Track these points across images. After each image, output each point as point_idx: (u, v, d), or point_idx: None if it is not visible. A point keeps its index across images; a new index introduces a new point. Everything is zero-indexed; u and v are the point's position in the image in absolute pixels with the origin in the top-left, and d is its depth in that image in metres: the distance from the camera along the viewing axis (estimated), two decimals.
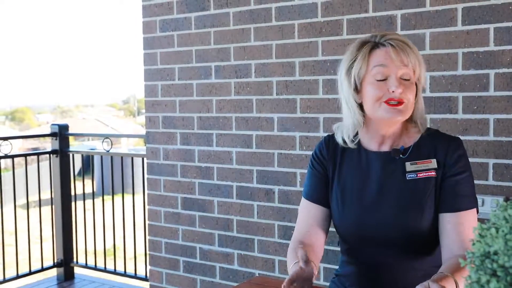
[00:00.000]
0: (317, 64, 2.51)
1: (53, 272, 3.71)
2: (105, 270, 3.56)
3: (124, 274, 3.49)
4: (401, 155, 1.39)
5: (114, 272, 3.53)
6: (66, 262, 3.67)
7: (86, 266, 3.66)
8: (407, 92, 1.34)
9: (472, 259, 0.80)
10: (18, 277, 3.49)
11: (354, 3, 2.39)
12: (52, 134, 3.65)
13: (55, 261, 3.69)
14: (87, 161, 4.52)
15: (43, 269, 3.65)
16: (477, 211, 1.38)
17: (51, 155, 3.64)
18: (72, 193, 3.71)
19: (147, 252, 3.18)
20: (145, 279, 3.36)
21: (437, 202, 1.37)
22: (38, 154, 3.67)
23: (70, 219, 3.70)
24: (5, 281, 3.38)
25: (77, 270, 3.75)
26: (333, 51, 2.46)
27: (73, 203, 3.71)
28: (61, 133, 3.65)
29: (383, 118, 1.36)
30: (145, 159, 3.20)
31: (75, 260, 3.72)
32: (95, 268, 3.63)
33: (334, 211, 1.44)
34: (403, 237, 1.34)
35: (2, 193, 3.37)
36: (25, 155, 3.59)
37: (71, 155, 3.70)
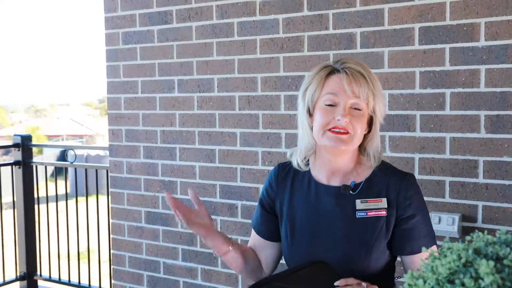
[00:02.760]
0: (278, 80, 2.51)
1: (16, 285, 3.65)
2: (69, 284, 3.51)
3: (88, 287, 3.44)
4: (351, 191, 1.37)
5: (78, 286, 3.47)
6: (29, 275, 3.60)
7: (50, 279, 3.61)
8: (354, 123, 1.32)
9: None
10: None
11: (314, 20, 2.40)
12: (15, 145, 3.57)
13: (18, 274, 3.62)
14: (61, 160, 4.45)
15: (5, 283, 3.57)
16: (437, 246, 1.37)
17: (14, 166, 3.57)
18: (35, 203, 3.64)
19: (111, 266, 3.14)
20: None
21: (390, 243, 1.36)
22: None
23: (33, 231, 3.64)
24: None
25: (40, 283, 3.69)
26: (294, 67, 2.46)
27: (36, 212, 3.65)
28: (24, 144, 3.58)
29: (326, 146, 1.35)
30: (109, 171, 3.15)
31: (38, 273, 3.65)
32: (59, 282, 3.58)
33: (284, 244, 1.45)
34: (350, 276, 1.34)
35: None
36: None
37: (34, 166, 3.63)
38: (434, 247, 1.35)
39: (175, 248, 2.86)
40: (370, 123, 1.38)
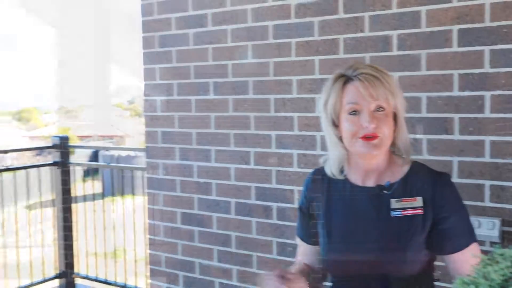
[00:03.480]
0: (314, 82, 2.52)
1: (55, 283, 3.74)
2: (106, 282, 3.59)
3: (125, 287, 3.51)
4: (386, 191, 1.39)
5: (115, 284, 3.55)
6: (67, 273, 3.69)
7: (87, 278, 3.69)
8: (381, 126, 1.34)
9: None
10: None
11: (350, 22, 2.39)
12: (53, 146, 3.67)
13: (57, 272, 3.71)
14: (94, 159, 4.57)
15: (44, 280, 3.67)
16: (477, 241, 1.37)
17: (52, 167, 3.67)
18: (73, 202, 3.73)
19: (148, 266, 3.19)
20: None
21: (429, 242, 1.36)
22: (39, 167, 3.70)
23: (71, 230, 3.72)
24: None
25: (78, 281, 3.78)
26: (329, 69, 2.47)
27: (73, 212, 3.74)
28: (62, 145, 3.67)
29: (359, 153, 1.38)
30: (144, 172, 3.21)
31: (76, 271, 3.74)
32: (96, 280, 3.66)
33: (321, 245, 1.47)
34: (385, 275, 1.34)
35: (3, 203, 3.40)
36: (26, 168, 3.61)
37: (72, 167, 3.72)
38: (475, 244, 1.35)
39: (211, 249, 2.90)
40: (394, 118, 1.40)
